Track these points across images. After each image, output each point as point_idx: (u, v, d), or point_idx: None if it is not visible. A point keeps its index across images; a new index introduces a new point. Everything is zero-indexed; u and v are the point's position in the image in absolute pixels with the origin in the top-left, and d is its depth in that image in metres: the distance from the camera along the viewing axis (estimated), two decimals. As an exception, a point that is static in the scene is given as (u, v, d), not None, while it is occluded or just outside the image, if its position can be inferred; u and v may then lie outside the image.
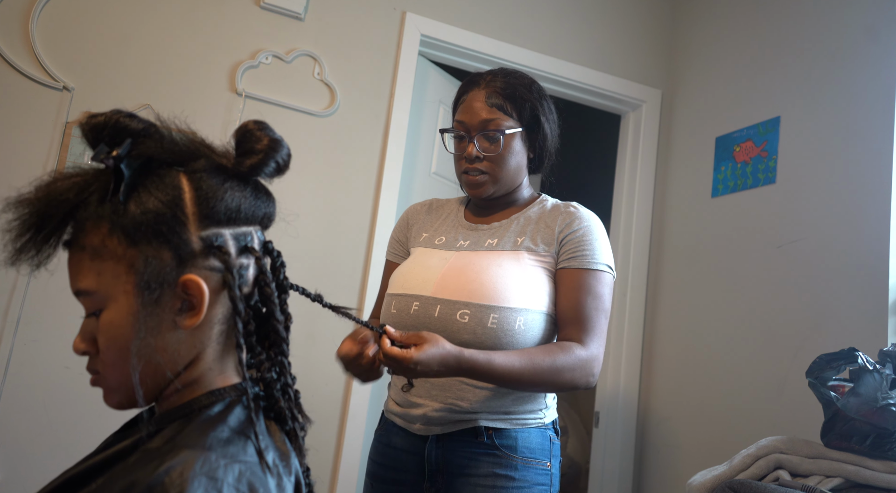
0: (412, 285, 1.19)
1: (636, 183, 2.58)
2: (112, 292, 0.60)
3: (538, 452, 1.17)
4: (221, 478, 0.55)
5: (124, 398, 0.64)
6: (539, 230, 1.21)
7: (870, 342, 1.64)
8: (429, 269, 1.19)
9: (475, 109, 1.22)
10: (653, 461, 2.36)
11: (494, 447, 1.14)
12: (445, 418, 1.15)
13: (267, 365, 0.67)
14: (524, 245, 1.20)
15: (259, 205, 0.66)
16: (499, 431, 1.15)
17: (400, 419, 1.21)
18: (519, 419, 1.17)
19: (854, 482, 1.23)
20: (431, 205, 1.40)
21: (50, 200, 0.58)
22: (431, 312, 1.14)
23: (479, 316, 1.11)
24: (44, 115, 1.81)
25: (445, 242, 1.26)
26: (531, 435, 1.17)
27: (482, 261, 1.17)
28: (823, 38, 1.99)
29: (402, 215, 1.41)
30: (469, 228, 1.28)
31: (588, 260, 1.17)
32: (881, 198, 1.73)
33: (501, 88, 1.22)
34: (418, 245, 1.30)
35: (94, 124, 0.59)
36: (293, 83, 2.09)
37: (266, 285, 0.66)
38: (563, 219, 1.21)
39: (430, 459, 1.16)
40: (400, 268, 1.27)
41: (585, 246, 1.18)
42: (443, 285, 1.15)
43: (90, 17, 1.90)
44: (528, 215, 1.25)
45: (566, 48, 2.52)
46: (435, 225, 1.33)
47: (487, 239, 1.23)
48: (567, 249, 1.18)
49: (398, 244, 1.37)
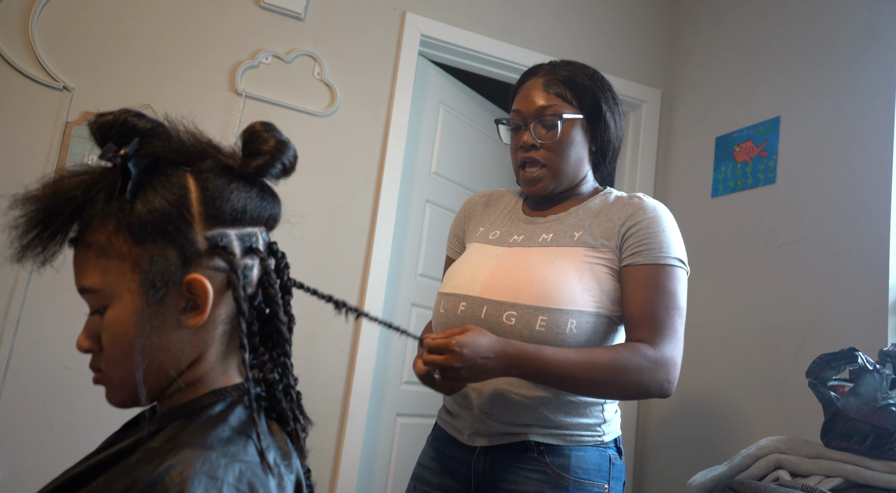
0: (460, 284, 1.12)
1: (636, 183, 2.58)
2: (117, 290, 0.60)
3: (594, 473, 1.06)
4: (222, 477, 0.55)
5: (127, 397, 0.64)
6: (599, 224, 1.11)
7: (870, 342, 1.64)
8: (478, 266, 1.12)
9: (532, 96, 1.15)
10: (653, 461, 2.36)
11: (545, 464, 1.05)
12: (492, 429, 1.07)
13: (269, 366, 0.67)
14: (581, 240, 1.10)
15: (265, 206, 0.66)
16: (551, 448, 1.06)
17: (451, 428, 1.15)
18: (574, 436, 1.07)
19: (854, 482, 1.23)
20: (491, 196, 1.31)
21: (57, 197, 0.58)
22: (478, 313, 1.07)
23: (526, 318, 1.03)
24: (44, 115, 1.81)
25: (499, 237, 1.18)
26: (587, 454, 1.07)
27: (533, 258, 1.09)
28: (823, 38, 1.99)
29: (461, 208, 1.33)
30: (526, 221, 1.19)
31: (656, 254, 1.05)
32: (881, 198, 1.73)
33: (561, 75, 1.15)
34: (474, 240, 1.23)
35: (102, 123, 0.59)
36: (293, 83, 2.09)
37: (270, 285, 0.66)
38: (625, 211, 1.11)
39: (476, 471, 1.09)
40: (453, 265, 1.20)
41: (652, 239, 1.06)
42: (490, 284, 1.08)
43: (90, 17, 1.89)
44: (589, 208, 1.15)
45: (566, 48, 2.52)
46: (492, 218, 1.25)
47: (542, 233, 1.14)
48: (631, 243, 1.07)
49: (455, 239, 1.31)
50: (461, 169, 2.56)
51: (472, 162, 2.62)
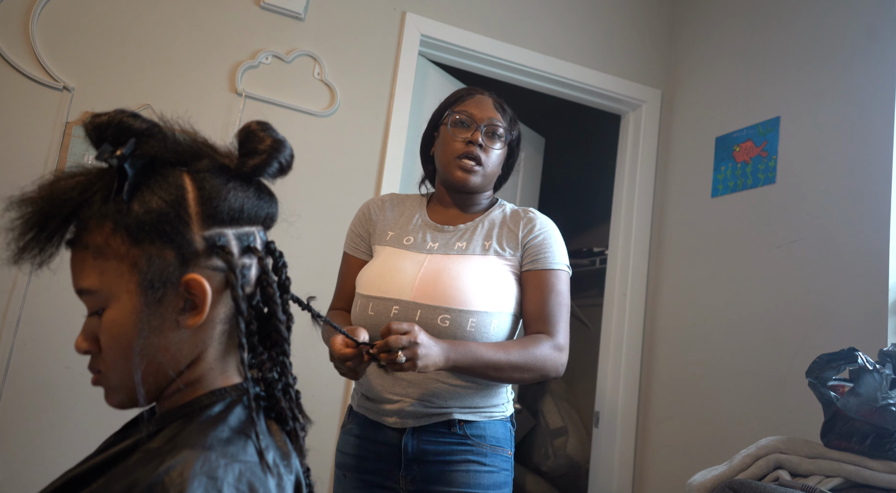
0: (389, 288, 1.24)
1: (636, 183, 2.58)
2: (115, 290, 0.60)
3: (503, 441, 1.28)
4: (221, 477, 0.55)
5: (126, 398, 0.64)
6: (503, 235, 1.32)
7: (870, 342, 1.64)
8: (404, 272, 1.25)
9: (486, 105, 1.34)
10: (653, 461, 2.36)
11: (466, 436, 1.23)
12: (421, 412, 1.23)
13: (268, 365, 0.67)
14: (492, 249, 1.29)
15: (262, 205, 0.66)
16: (470, 423, 1.24)
17: (373, 414, 1.27)
18: (486, 412, 1.27)
19: (854, 482, 1.23)
20: (392, 200, 1.43)
21: (53, 198, 0.58)
22: (412, 316, 1.20)
23: (458, 320, 1.19)
24: (44, 115, 1.81)
25: (414, 244, 1.31)
26: (496, 426, 1.27)
27: (456, 266, 1.25)
28: (823, 38, 1.99)
29: (361, 209, 1.43)
30: (435, 228, 1.34)
31: (549, 262, 1.28)
32: (881, 198, 1.73)
33: (505, 106, 1.37)
34: (385, 244, 1.34)
35: (98, 124, 0.59)
36: (293, 83, 2.09)
37: (268, 285, 0.66)
38: (524, 224, 1.32)
39: (406, 449, 1.23)
40: (372, 268, 1.30)
41: (546, 249, 1.29)
42: (422, 290, 1.22)
43: (90, 17, 1.90)
44: (492, 219, 1.35)
45: (566, 48, 2.52)
46: (399, 223, 1.37)
47: (456, 242, 1.30)
48: (530, 252, 1.29)
49: (359, 239, 1.40)
50: (461, 169, 2.56)
51: (472, 162, 2.62)
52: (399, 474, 1.24)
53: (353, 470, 1.29)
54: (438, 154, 1.36)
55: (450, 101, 1.39)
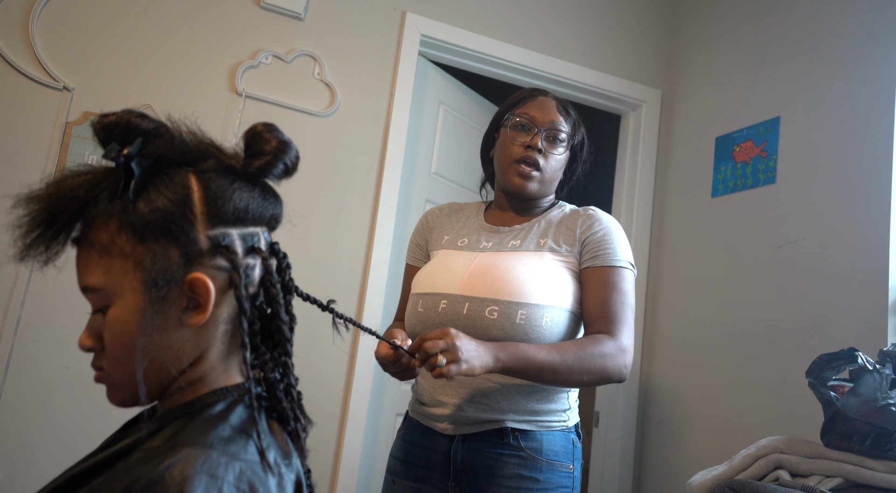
0: (438, 284, 1.21)
1: (636, 183, 2.58)
2: (119, 288, 0.60)
3: (562, 455, 1.19)
4: (222, 476, 0.55)
5: (128, 396, 0.64)
6: (560, 233, 1.26)
7: (870, 342, 1.64)
8: (454, 268, 1.22)
9: (549, 108, 1.29)
10: (653, 461, 2.36)
11: (520, 448, 1.16)
12: (472, 418, 1.17)
13: (271, 365, 0.67)
14: (547, 246, 1.24)
15: (267, 206, 0.67)
16: (524, 433, 1.17)
17: (426, 418, 1.23)
18: (544, 421, 1.19)
19: (854, 482, 1.23)
20: (451, 208, 1.42)
21: (60, 196, 0.58)
22: (460, 309, 1.16)
23: (507, 312, 1.13)
24: (44, 115, 1.81)
25: (468, 244, 1.28)
26: (555, 438, 1.19)
27: (507, 260, 1.20)
28: (823, 38, 1.99)
29: (420, 220, 1.43)
30: (491, 230, 1.30)
31: (611, 258, 1.21)
32: (881, 198, 1.73)
33: (569, 108, 1.32)
34: (440, 248, 1.32)
35: (105, 123, 0.60)
36: (293, 83, 2.09)
37: (272, 285, 0.67)
38: (583, 221, 1.26)
39: (455, 458, 1.17)
40: (424, 269, 1.28)
41: (607, 245, 1.22)
42: (470, 283, 1.17)
43: (90, 17, 1.89)
44: (549, 219, 1.30)
45: (566, 48, 2.52)
46: (456, 228, 1.35)
47: (510, 240, 1.26)
48: (589, 249, 1.23)
49: (418, 249, 1.39)
50: (461, 169, 2.56)
51: (472, 162, 2.61)
52: (448, 483, 1.17)
53: (402, 477, 1.23)
54: (497, 157, 1.32)
55: (511, 102, 1.33)
